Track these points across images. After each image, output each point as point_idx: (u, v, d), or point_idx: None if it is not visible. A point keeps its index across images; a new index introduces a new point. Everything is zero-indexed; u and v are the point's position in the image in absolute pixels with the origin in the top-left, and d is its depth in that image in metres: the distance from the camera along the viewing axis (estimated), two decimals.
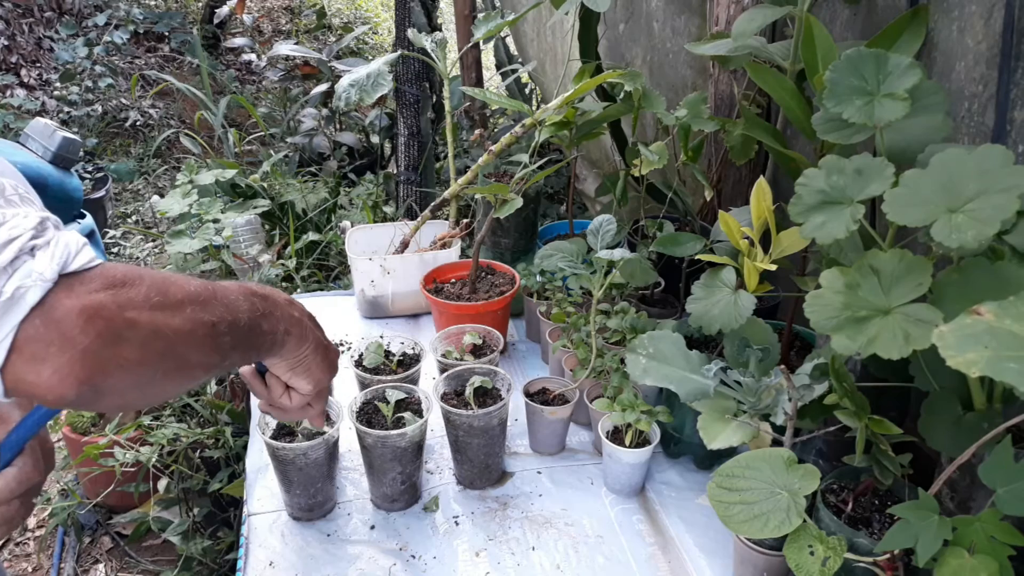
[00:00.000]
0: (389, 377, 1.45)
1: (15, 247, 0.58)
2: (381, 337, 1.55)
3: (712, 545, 1.25)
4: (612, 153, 2.05)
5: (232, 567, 1.81)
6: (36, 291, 0.57)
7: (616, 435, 1.36)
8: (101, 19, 5.23)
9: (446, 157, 3.36)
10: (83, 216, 1.02)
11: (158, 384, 0.67)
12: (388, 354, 1.52)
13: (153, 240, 3.52)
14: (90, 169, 3.75)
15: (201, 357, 0.70)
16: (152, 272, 0.66)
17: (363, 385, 1.47)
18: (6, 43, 4.80)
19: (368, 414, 1.34)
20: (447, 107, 1.89)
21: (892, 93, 0.97)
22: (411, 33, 1.89)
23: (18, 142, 1.00)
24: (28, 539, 2.22)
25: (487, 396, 1.38)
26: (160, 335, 0.64)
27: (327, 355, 0.90)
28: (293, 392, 0.91)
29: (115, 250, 3.27)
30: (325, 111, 3.92)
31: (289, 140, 3.94)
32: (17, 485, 0.74)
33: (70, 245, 0.61)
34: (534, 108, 1.85)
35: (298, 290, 2.57)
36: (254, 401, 1.60)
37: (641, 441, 1.34)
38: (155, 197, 3.79)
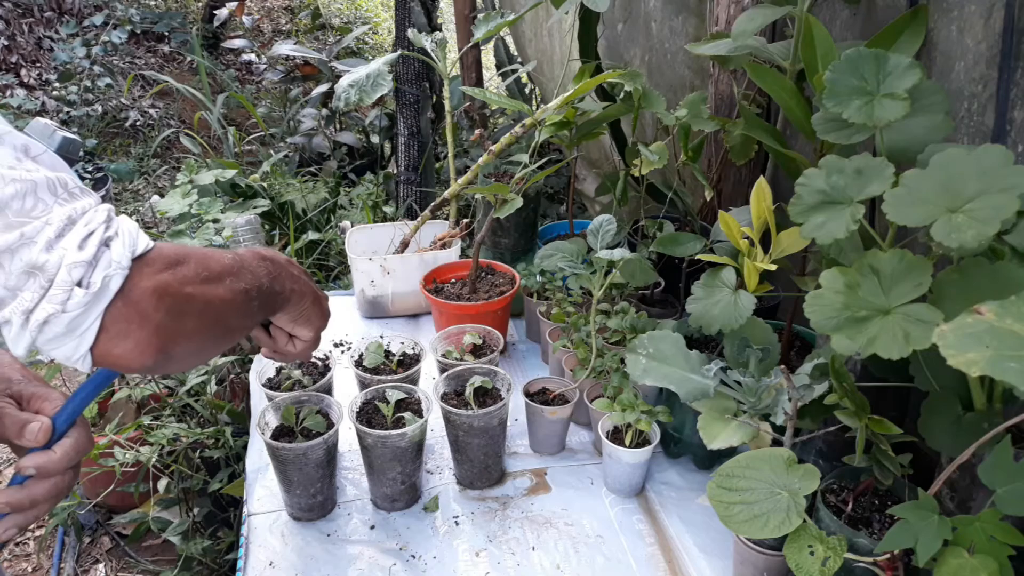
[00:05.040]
0: (389, 377, 1.45)
1: (95, 241, 0.65)
2: (381, 337, 1.55)
3: (712, 545, 1.25)
4: (612, 153, 2.05)
5: (232, 567, 1.81)
6: (118, 278, 0.66)
7: (616, 435, 1.36)
8: (99, 19, 5.23)
9: (446, 157, 3.36)
10: None
11: (210, 348, 0.78)
12: (388, 354, 1.52)
13: (153, 240, 3.52)
14: (90, 169, 3.75)
15: (240, 321, 0.80)
16: (190, 249, 0.74)
17: (363, 385, 1.47)
18: (6, 43, 4.80)
19: (368, 414, 1.34)
20: (447, 107, 1.89)
21: (892, 93, 0.96)
22: (411, 33, 1.89)
23: None
24: (28, 539, 2.22)
25: (487, 396, 1.38)
26: (211, 306, 0.74)
27: (322, 305, 0.99)
28: (296, 340, 0.99)
29: None
30: (325, 111, 3.91)
31: (289, 140, 3.94)
32: (75, 454, 0.80)
33: (132, 232, 0.68)
34: (534, 108, 1.85)
35: None
36: (254, 401, 1.60)
37: (641, 441, 1.34)
38: (155, 197, 3.78)
